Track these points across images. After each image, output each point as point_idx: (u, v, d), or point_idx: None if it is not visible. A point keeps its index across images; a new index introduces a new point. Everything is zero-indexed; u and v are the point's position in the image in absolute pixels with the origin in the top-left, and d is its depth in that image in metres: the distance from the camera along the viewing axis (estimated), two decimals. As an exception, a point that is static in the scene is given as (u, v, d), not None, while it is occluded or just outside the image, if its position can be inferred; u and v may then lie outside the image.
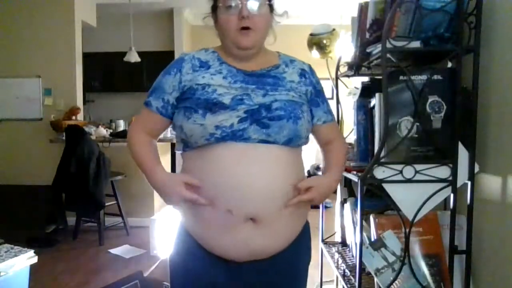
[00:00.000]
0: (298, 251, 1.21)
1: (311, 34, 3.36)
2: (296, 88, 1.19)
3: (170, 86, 1.17)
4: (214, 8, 1.18)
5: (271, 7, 1.18)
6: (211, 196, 1.09)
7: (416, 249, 1.47)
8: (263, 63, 1.20)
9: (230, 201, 1.08)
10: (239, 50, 1.15)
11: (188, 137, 1.11)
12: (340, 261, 1.86)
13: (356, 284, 1.50)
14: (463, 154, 1.41)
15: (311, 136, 1.26)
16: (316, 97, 1.25)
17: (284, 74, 1.20)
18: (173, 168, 5.58)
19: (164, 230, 3.42)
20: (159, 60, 5.97)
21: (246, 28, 1.12)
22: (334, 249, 2.01)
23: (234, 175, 1.07)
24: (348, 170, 1.64)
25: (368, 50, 1.55)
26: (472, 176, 1.43)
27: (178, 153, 1.22)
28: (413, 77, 1.40)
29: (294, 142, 1.13)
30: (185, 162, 1.19)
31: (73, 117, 4.40)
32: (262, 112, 1.09)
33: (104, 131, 4.49)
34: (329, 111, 1.28)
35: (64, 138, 3.93)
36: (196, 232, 1.17)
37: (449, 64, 1.50)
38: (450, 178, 1.42)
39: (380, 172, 1.41)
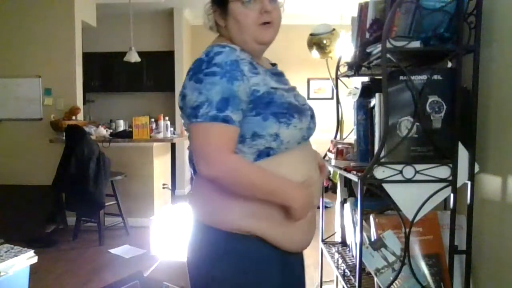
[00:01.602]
0: None
1: (311, 34, 3.37)
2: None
3: (244, 93, 1.01)
4: (221, 3, 1.09)
5: None
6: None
7: (416, 249, 1.47)
8: (266, 60, 1.21)
9: (317, 195, 1.16)
10: (260, 46, 1.11)
11: (284, 143, 1.04)
12: (340, 261, 1.86)
13: (356, 284, 1.50)
14: (463, 154, 1.41)
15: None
16: None
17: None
18: (173, 168, 5.59)
19: (164, 230, 3.42)
20: (159, 60, 6.08)
21: (267, 23, 1.08)
22: (334, 249, 2.01)
23: (311, 168, 1.13)
24: (348, 170, 1.64)
25: (368, 50, 1.55)
26: (472, 176, 1.43)
27: (187, 161, 1.18)
28: (413, 77, 1.40)
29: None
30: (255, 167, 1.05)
31: (73, 117, 4.40)
32: (308, 111, 1.14)
33: (104, 131, 4.49)
34: None
35: (64, 138, 3.93)
36: (269, 233, 1.06)
37: (449, 64, 1.50)
38: (450, 178, 1.41)
39: (380, 172, 1.41)
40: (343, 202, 1.91)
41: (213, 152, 0.98)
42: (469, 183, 1.43)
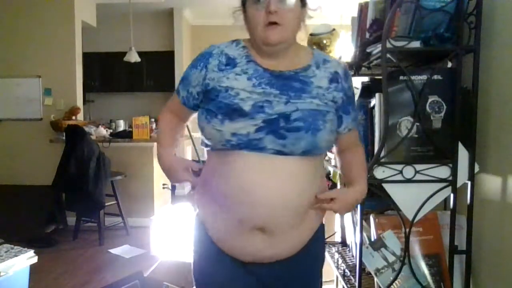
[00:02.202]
0: (310, 253, 1.20)
1: (311, 34, 3.36)
2: (322, 95, 1.12)
3: (195, 80, 1.16)
4: (244, 2, 1.13)
5: (302, 1, 1.12)
6: (224, 203, 1.11)
7: (416, 249, 1.47)
8: (293, 63, 1.14)
9: (241, 211, 1.08)
10: (267, 47, 1.10)
11: (207, 139, 1.12)
12: (340, 261, 1.86)
13: (356, 284, 1.50)
14: (463, 154, 1.41)
15: None
16: (348, 104, 1.18)
17: (312, 78, 1.13)
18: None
19: (164, 230, 3.42)
20: (159, 60, 6.08)
21: (273, 23, 1.07)
22: (334, 249, 2.01)
23: (245, 185, 1.06)
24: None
25: (368, 50, 1.55)
26: (472, 176, 1.43)
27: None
28: (413, 77, 1.40)
29: (312, 153, 1.09)
30: (207, 159, 1.20)
31: (73, 117, 4.40)
32: (280, 122, 1.06)
33: (104, 131, 4.49)
34: (356, 118, 1.24)
35: (64, 138, 3.93)
36: (210, 228, 1.18)
37: (449, 64, 1.50)
38: (450, 178, 1.42)
39: (380, 172, 1.41)
40: (343, 202, 1.90)
41: (163, 109, 1.32)
42: (469, 183, 1.43)
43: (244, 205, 1.07)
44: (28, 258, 2.08)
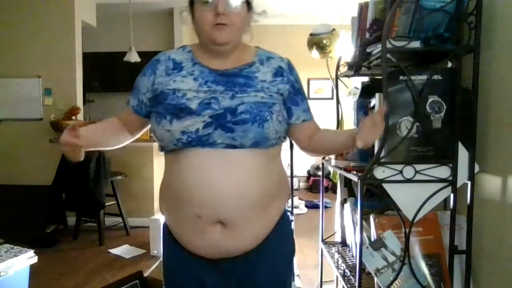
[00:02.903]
0: (273, 246, 1.21)
1: (311, 34, 3.36)
2: (267, 88, 1.16)
3: (144, 87, 1.21)
4: (191, 3, 1.17)
5: (248, 5, 1.17)
6: (182, 200, 1.14)
7: (416, 249, 1.47)
8: (238, 61, 1.18)
9: (198, 206, 1.11)
10: (215, 46, 1.15)
11: (160, 140, 1.16)
12: (340, 261, 1.86)
13: (356, 284, 1.50)
14: (463, 154, 1.41)
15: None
16: (295, 95, 1.22)
17: (256, 74, 1.17)
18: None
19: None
20: (159, 60, 6.07)
21: (221, 24, 1.11)
22: (334, 249, 2.01)
23: (200, 180, 1.10)
24: (348, 170, 1.64)
25: (368, 50, 1.55)
26: (472, 176, 1.43)
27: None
28: (413, 77, 1.40)
29: (262, 144, 1.12)
30: (165, 163, 1.23)
31: (73, 117, 4.40)
32: (227, 116, 1.09)
33: (104, 131, 4.48)
34: (308, 109, 1.27)
35: (64, 138, 3.92)
36: (172, 228, 1.23)
37: (449, 64, 1.50)
38: (450, 178, 1.41)
39: (380, 172, 1.41)
40: (343, 202, 1.91)
41: None
42: (469, 183, 1.43)
43: (200, 199, 1.11)
44: (28, 258, 2.08)
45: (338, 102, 2.22)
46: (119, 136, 1.33)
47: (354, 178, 1.53)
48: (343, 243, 2.01)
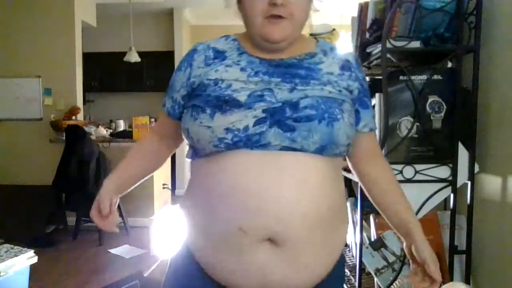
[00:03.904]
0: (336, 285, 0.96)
1: (311, 34, 3.36)
2: (335, 82, 0.93)
3: (179, 83, 0.99)
4: None
5: None
6: (217, 209, 0.87)
7: (416, 249, 1.47)
8: (296, 51, 0.95)
9: (243, 217, 0.84)
10: (266, 43, 0.92)
11: (195, 142, 0.91)
12: (340, 261, 1.86)
13: (356, 284, 1.50)
14: (463, 154, 1.41)
15: None
16: (365, 96, 0.99)
17: (320, 65, 0.94)
18: (173, 168, 5.59)
19: (164, 230, 3.42)
20: (159, 60, 6.08)
21: (276, 17, 0.89)
22: (334, 249, 2.00)
23: (248, 183, 0.84)
24: (348, 170, 1.64)
25: (368, 50, 1.55)
26: (472, 176, 1.43)
27: (187, 160, 1.05)
28: (413, 77, 1.40)
29: (329, 150, 0.87)
30: (193, 172, 0.99)
31: (73, 117, 4.40)
32: (286, 111, 0.86)
33: (104, 131, 4.49)
34: (374, 116, 1.04)
35: (64, 138, 3.93)
36: (200, 251, 0.93)
37: (449, 64, 1.50)
38: (450, 178, 1.41)
39: (380, 172, 1.41)
40: (343, 202, 1.91)
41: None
42: (469, 183, 1.43)
43: (248, 208, 0.84)
44: (28, 258, 2.08)
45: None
46: (158, 162, 1.13)
47: (354, 178, 1.53)
48: (343, 243, 2.01)
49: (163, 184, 4.62)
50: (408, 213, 1.01)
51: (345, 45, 2.54)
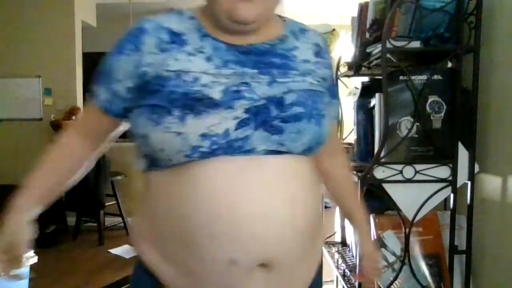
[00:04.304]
0: None
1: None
2: (313, 71, 0.83)
3: (123, 71, 0.79)
4: None
5: None
6: (197, 241, 0.71)
7: (416, 249, 1.47)
8: (264, 34, 0.82)
9: (234, 247, 0.71)
10: (234, 24, 0.77)
11: (157, 151, 0.74)
12: (340, 261, 1.86)
13: (356, 284, 1.50)
14: (463, 154, 1.41)
15: None
16: (333, 86, 0.92)
17: (295, 52, 0.83)
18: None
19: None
20: (159, 60, 6.07)
21: None
22: (334, 249, 2.01)
23: (236, 209, 0.70)
24: (348, 170, 1.64)
25: (368, 50, 1.55)
26: (472, 176, 1.43)
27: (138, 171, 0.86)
28: (413, 77, 1.40)
29: (314, 150, 0.80)
30: (152, 191, 0.80)
31: (73, 117, 4.40)
32: (271, 110, 0.74)
33: (104, 131, 4.48)
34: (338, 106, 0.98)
35: (64, 138, 3.92)
36: None
37: (449, 64, 1.50)
38: (450, 178, 1.41)
39: (380, 172, 1.41)
40: (343, 202, 1.90)
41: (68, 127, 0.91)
42: (469, 183, 1.43)
43: (237, 236, 0.70)
44: (28, 258, 2.08)
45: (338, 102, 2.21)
46: (79, 166, 0.94)
47: (354, 178, 1.53)
48: (343, 243, 2.01)
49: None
50: (358, 212, 1.00)
51: (345, 45, 2.54)
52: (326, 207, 2.57)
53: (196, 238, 0.72)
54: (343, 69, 2.00)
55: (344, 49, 2.29)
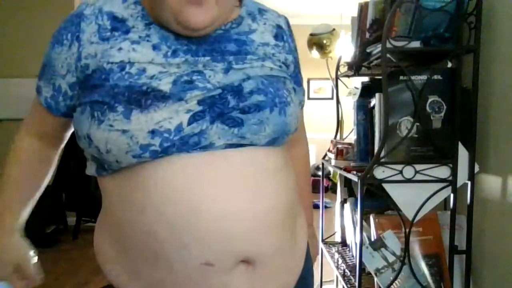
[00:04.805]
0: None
1: (311, 34, 3.37)
2: (273, 55, 0.77)
3: (64, 64, 0.72)
4: None
5: None
6: (166, 254, 0.66)
7: (416, 249, 1.47)
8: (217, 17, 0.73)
9: (205, 250, 0.65)
10: (185, 31, 0.69)
11: (103, 153, 0.66)
12: (340, 261, 1.86)
13: (356, 284, 1.50)
14: (463, 154, 1.41)
15: None
16: (297, 71, 0.85)
17: (252, 35, 0.76)
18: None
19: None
20: (159, 60, 6.07)
21: None
22: (334, 249, 2.01)
23: (197, 208, 0.64)
24: (348, 170, 1.64)
25: (368, 50, 1.55)
26: (472, 176, 1.43)
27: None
28: (413, 77, 1.40)
29: (280, 141, 0.74)
30: (104, 198, 0.75)
31: (73, 117, 4.41)
32: (228, 100, 0.67)
33: (104, 131, 4.49)
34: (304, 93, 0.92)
35: (64, 138, 3.93)
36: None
37: (449, 64, 1.50)
38: (450, 178, 1.41)
39: (380, 172, 1.41)
40: (343, 202, 1.91)
41: (20, 129, 0.88)
42: (469, 183, 1.43)
43: (206, 239, 0.65)
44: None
45: (338, 102, 2.22)
46: (49, 166, 0.91)
47: (354, 178, 1.53)
48: (343, 243, 2.01)
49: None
50: (305, 213, 0.91)
51: (345, 45, 2.54)
52: (326, 207, 2.57)
53: (161, 250, 0.66)
54: (343, 69, 2.00)
55: (344, 49, 2.29)
